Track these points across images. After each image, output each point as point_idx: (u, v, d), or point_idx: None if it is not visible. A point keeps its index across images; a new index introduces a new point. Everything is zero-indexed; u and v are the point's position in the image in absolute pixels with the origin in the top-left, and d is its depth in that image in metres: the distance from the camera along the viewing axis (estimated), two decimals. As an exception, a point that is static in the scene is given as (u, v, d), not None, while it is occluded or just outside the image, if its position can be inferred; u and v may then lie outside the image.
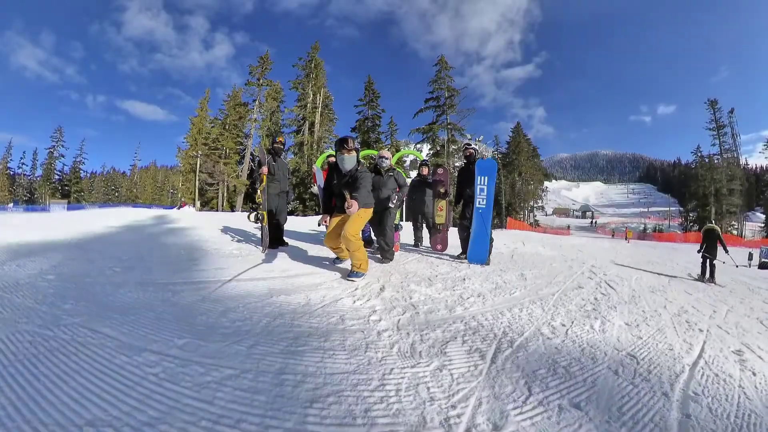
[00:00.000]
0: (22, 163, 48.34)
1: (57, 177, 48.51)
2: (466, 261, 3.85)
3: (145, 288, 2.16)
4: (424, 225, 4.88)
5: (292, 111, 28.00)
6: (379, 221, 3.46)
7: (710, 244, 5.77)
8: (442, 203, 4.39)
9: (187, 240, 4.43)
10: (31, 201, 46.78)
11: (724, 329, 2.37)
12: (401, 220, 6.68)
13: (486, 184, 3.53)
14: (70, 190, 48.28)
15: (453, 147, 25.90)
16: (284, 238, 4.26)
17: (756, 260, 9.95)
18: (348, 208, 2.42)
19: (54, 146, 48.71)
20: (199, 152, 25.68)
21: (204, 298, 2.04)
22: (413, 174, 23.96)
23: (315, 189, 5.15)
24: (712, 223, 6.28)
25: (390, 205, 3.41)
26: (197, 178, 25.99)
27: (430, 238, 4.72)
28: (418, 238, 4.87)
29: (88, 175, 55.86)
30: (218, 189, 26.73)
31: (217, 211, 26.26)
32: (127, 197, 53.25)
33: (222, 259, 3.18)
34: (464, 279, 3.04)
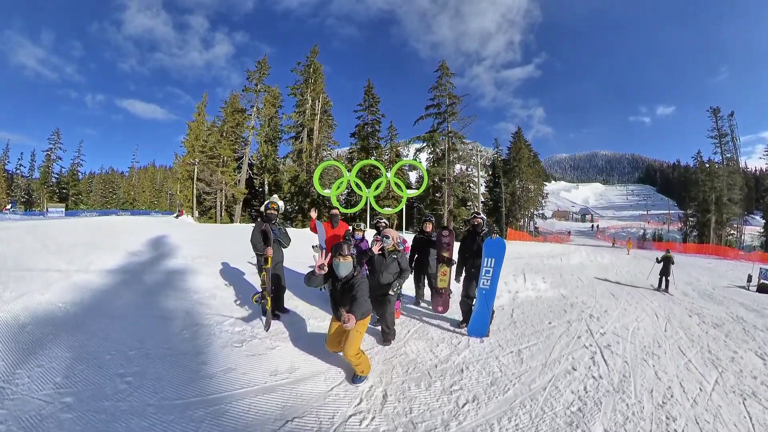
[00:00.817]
0: (20, 165, 47.94)
1: (54, 179, 48.12)
2: (466, 331, 3.77)
3: (165, 416, 2.11)
4: (426, 284, 4.67)
5: (291, 117, 27.09)
6: (380, 305, 3.29)
7: (666, 266, 7.82)
8: (446, 268, 4.17)
9: (186, 304, 4.23)
10: (29, 203, 46.45)
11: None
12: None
13: (492, 266, 3.35)
14: (68, 193, 47.93)
15: (454, 155, 25.44)
16: (285, 284, 4.14)
17: (755, 281, 9.47)
18: (345, 323, 2.34)
19: (51, 148, 48.31)
20: (197, 160, 25.13)
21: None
22: (410, 191, 23.45)
23: (315, 242, 4.91)
24: (668, 253, 8.25)
25: (390, 292, 3.22)
26: (195, 186, 25.48)
27: (431, 297, 4.54)
28: (419, 296, 4.70)
29: (86, 175, 55.51)
30: (216, 198, 26.21)
31: (215, 221, 25.83)
32: (125, 200, 52.84)
33: (227, 353, 3.05)
34: (462, 370, 3.03)
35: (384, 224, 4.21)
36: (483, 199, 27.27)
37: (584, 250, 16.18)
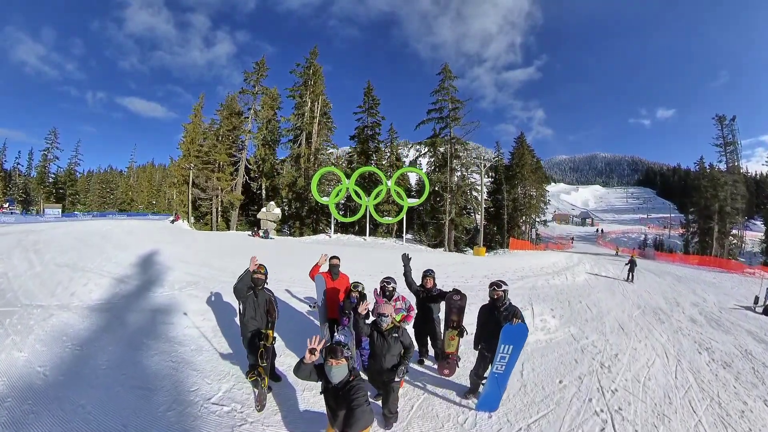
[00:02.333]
0: (18, 163, 47.22)
1: (51, 179, 47.45)
2: (474, 403, 3.43)
3: None
4: (430, 346, 4.27)
5: (289, 120, 26.66)
6: (385, 391, 2.95)
7: (632, 267, 11.83)
8: (455, 333, 3.73)
9: (170, 363, 3.87)
10: (27, 202, 45.74)
11: None
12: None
13: (509, 353, 2.91)
14: (65, 193, 47.27)
15: (456, 162, 24.78)
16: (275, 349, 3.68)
17: (762, 302, 9.01)
18: None
19: (48, 148, 47.59)
20: (192, 164, 24.52)
21: None
22: (412, 200, 22.64)
23: (315, 296, 4.42)
24: (633, 258, 12.64)
25: (396, 378, 2.85)
26: (190, 191, 24.88)
27: (437, 359, 4.16)
28: (423, 353, 4.28)
29: (85, 173, 54.82)
30: (212, 203, 25.58)
31: (211, 228, 25.02)
32: (122, 200, 52.12)
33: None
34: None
35: (392, 288, 3.76)
36: (484, 206, 26.61)
37: (587, 261, 15.63)
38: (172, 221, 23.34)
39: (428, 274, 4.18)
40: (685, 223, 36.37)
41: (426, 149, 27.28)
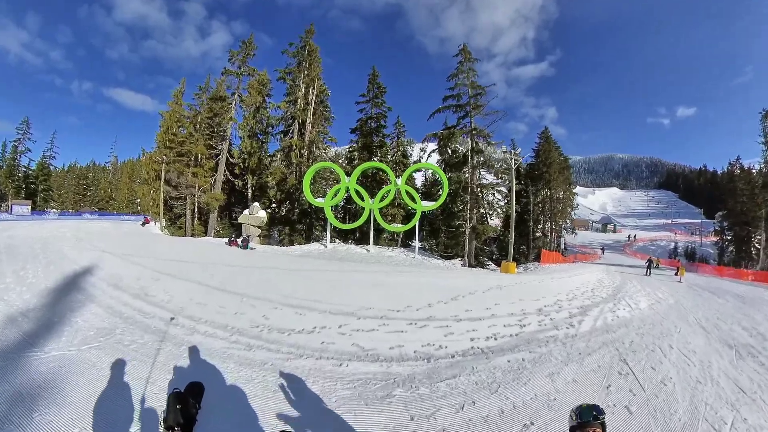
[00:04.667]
0: (-9, 154, 44.17)
1: (22, 172, 44.38)
2: None
3: None
4: None
5: (279, 107, 24.95)
6: None
7: (649, 266, 18.06)
8: None
9: None
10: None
11: None
12: None
13: None
14: (37, 188, 44.30)
15: (478, 158, 21.92)
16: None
17: None
18: None
19: (19, 138, 44.54)
20: (164, 157, 21.74)
21: None
22: (426, 203, 19.86)
23: None
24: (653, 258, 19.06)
25: None
26: (162, 189, 22.53)
27: None
28: None
29: (60, 168, 52.02)
30: (186, 204, 23.36)
31: (185, 233, 23.28)
32: (100, 198, 49.25)
33: None
34: None
35: None
36: (504, 211, 23.53)
37: (631, 277, 14.74)
38: (143, 224, 22.99)
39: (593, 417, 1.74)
40: (718, 230, 34.26)
41: (439, 143, 24.95)
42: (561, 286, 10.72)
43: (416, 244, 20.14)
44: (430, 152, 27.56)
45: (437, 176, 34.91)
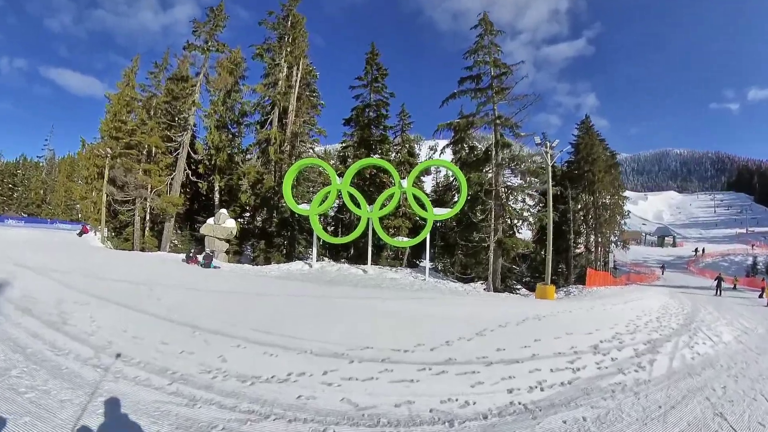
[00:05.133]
0: None
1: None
2: None
3: None
4: None
5: (255, 91, 25.20)
6: None
7: (719, 283, 19.21)
8: None
9: None
10: None
11: None
12: None
13: None
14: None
15: (504, 153, 21.79)
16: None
17: None
18: None
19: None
20: (108, 150, 22.13)
21: None
22: (440, 211, 20.54)
23: None
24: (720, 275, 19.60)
25: None
26: (105, 190, 22.68)
27: None
28: None
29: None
30: (135, 210, 23.38)
31: (133, 246, 23.39)
32: (31, 200, 49.34)
33: None
34: None
35: None
36: (537, 220, 23.40)
37: (711, 307, 14.20)
38: (80, 234, 23.23)
39: None
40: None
41: (454, 137, 25.22)
42: (617, 314, 10.59)
43: (426, 263, 20.03)
44: (443, 148, 27.85)
45: (452, 179, 35.14)
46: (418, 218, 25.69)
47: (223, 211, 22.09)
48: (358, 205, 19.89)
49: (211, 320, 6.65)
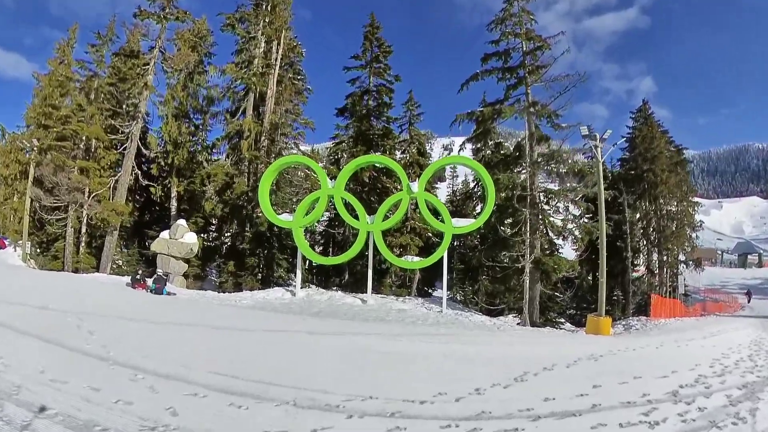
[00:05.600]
0: None
1: None
2: None
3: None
4: None
5: (225, 72, 25.56)
6: None
7: None
8: None
9: None
10: None
11: None
12: None
13: None
14: None
15: (541, 149, 22.15)
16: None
17: None
18: None
19: None
20: (35, 142, 22.35)
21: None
22: (460, 222, 20.84)
23: None
24: None
25: None
26: (29, 193, 22.64)
27: None
28: None
29: None
30: (67, 220, 23.39)
31: (63, 266, 23.37)
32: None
33: None
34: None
35: None
36: (584, 234, 23.35)
37: None
38: None
39: None
40: None
41: (477, 130, 25.57)
42: (696, 353, 10.71)
43: (444, 290, 19.85)
44: (462, 145, 28.35)
45: (473, 185, 35.28)
46: (431, 234, 25.80)
47: (182, 222, 22.18)
48: (355, 216, 19.91)
49: (161, 361, 6.52)
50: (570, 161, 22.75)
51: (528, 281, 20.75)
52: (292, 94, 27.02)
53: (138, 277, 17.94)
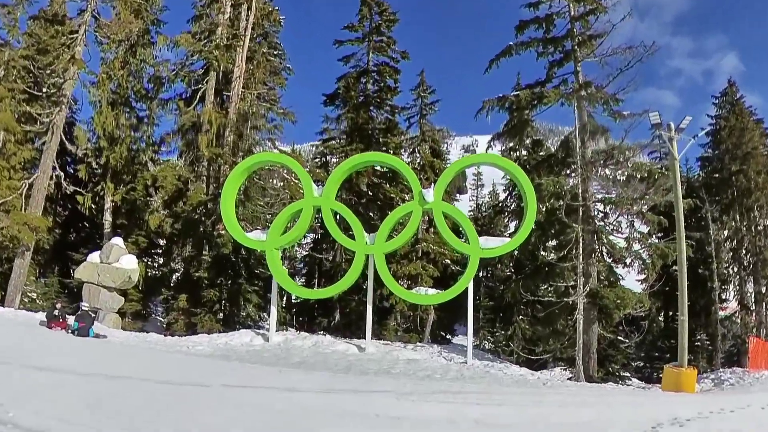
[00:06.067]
0: None
1: None
2: None
3: None
4: None
5: (179, 44, 25.99)
6: None
7: None
8: None
9: None
10: None
11: None
12: None
13: None
14: None
15: (596, 145, 22.50)
16: None
17: None
18: None
19: None
20: None
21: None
22: (490, 243, 20.83)
23: None
24: None
25: None
26: None
27: None
28: None
29: None
30: None
31: None
32: None
33: None
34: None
35: None
36: (654, 257, 23.26)
37: None
38: None
39: None
40: None
41: (510, 122, 26.25)
42: None
43: (469, 335, 19.77)
44: (490, 142, 28.69)
45: (504, 196, 35.34)
46: (449, 260, 25.60)
47: (118, 242, 22.09)
48: (350, 235, 20.04)
49: (81, 426, 6.09)
50: (634, 160, 22.79)
51: (581, 322, 20.47)
52: (266, 75, 27.44)
53: (56, 313, 17.87)
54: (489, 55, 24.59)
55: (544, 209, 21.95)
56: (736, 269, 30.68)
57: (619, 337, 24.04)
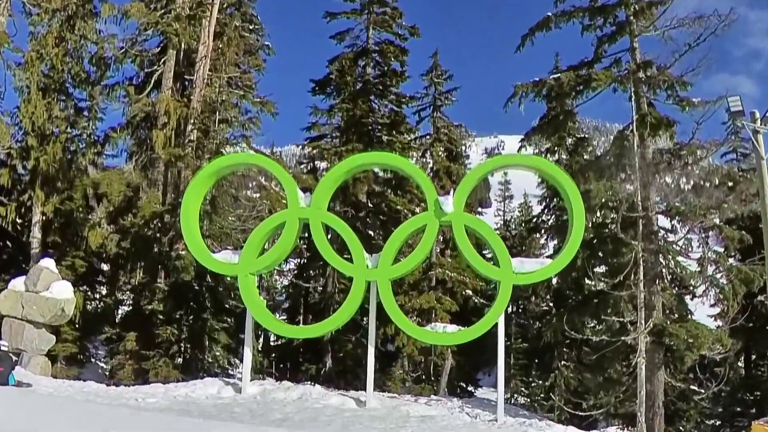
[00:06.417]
0: None
1: None
2: None
3: None
4: None
5: (128, 15, 26.22)
6: None
7: None
8: None
9: None
10: None
11: None
12: None
13: None
14: None
15: (659, 143, 22.91)
16: None
17: None
18: None
19: None
20: None
21: None
22: (526, 265, 21.21)
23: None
24: None
25: None
26: None
27: None
28: None
29: None
30: None
31: None
32: None
33: None
34: None
35: None
36: (734, 284, 23.31)
37: None
38: None
39: None
40: None
41: (544, 116, 26.95)
42: None
43: (500, 386, 19.18)
44: (523, 138, 28.90)
45: (540, 208, 35.43)
46: (470, 291, 25.32)
47: (49, 265, 21.83)
48: (347, 258, 20.18)
49: None
50: (708, 162, 22.59)
51: (643, 367, 20.42)
52: (239, 55, 27.75)
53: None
54: (515, 40, 24.93)
55: (590, 224, 21.92)
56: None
57: (692, 387, 23.99)
